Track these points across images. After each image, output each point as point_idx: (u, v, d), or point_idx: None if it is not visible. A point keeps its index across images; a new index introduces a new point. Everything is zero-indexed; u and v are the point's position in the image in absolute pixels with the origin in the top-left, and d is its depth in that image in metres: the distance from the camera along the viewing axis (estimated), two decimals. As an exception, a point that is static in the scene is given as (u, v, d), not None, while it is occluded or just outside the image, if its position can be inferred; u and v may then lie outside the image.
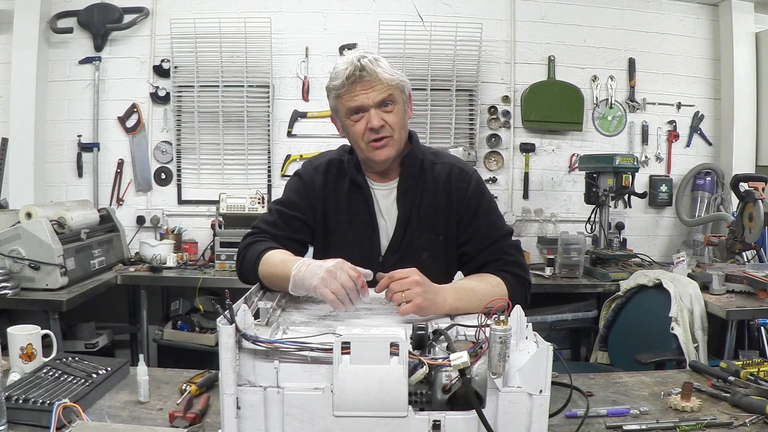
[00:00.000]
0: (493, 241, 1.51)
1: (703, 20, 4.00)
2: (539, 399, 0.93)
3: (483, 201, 1.56)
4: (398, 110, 1.49)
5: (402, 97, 1.50)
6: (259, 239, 1.51)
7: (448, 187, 1.55)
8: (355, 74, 1.42)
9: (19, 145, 3.54)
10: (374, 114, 1.45)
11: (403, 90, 1.51)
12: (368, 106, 1.45)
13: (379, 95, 1.45)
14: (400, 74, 1.50)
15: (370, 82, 1.44)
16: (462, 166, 1.60)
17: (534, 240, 3.93)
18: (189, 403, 1.29)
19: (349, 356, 0.92)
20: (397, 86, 1.47)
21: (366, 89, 1.44)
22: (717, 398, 1.42)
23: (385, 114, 1.46)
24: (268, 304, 1.25)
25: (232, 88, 3.73)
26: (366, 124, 1.46)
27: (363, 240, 1.55)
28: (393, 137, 1.48)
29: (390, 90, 1.46)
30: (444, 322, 1.19)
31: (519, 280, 1.47)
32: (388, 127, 1.47)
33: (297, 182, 1.61)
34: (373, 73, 1.43)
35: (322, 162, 1.62)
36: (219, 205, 3.47)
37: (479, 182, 1.59)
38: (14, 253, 2.60)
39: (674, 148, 4.03)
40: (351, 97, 1.45)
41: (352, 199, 1.56)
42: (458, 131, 3.84)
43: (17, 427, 1.19)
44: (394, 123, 1.47)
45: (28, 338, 1.48)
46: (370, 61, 1.44)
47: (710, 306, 2.56)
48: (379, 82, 1.44)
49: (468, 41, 3.76)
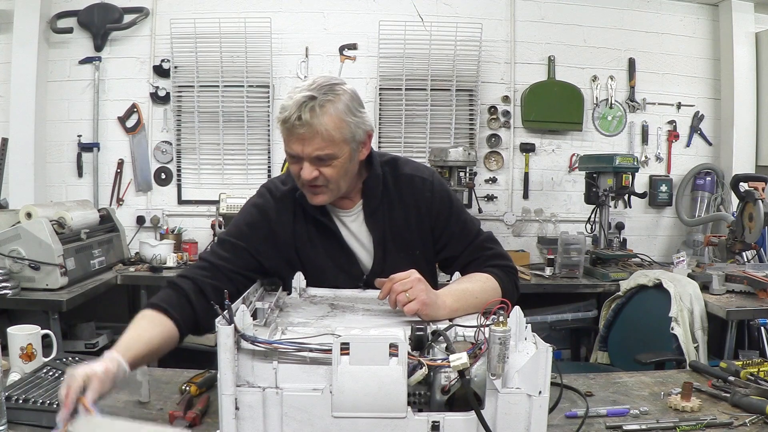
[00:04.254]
0: (469, 242, 1.51)
1: (703, 20, 4.00)
2: (538, 400, 0.93)
3: (452, 205, 1.54)
4: (339, 164, 1.36)
5: (348, 148, 1.36)
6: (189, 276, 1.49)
7: (414, 198, 1.51)
8: (295, 125, 1.30)
9: (19, 145, 3.54)
10: (306, 167, 1.35)
11: (350, 140, 1.36)
12: (302, 157, 1.35)
13: (314, 151, 1.33)
14: (351, 124, 1.35)
15: (305, 135, 1.31)
16: (421, 173, 1.54)
17: (534, 240, 3.93)
18: (189, 403, 1.30)
19: (348, 357, 0.92)
20: (339, 139, 1.33)
21: (303, 141, 1.32)
22: (717, 398, 1.42)
23: (322, 167, 1.36)
24: (266, 305, 1.25)
25: (232, 88, 3.73)
26: (299, 170, 1.37)
27: (342, 266, 1.51)
28: (328, 187, 1.39)
29: (329, 147, 1.33)
30: (443, 323, 1.18)
31: (505, 270, 1.48)
32: (322, 178, 1.37)
33: (254, 215, 1.50)
34: (313, 127, 1.30)
35: (286, 192, 1.51)
36: (219, 205, 3.47)
37: (441, 185, 1.55)
38: (14, 253, 2.60)
39: (674, 148, 4.03)
40: (289, 142, 1.35)
41: (319, 230, 1.49)
42: (458, 131, 3.84)
43: (17, 427, 1.19)
44: (331, 175, 1.37)
45: (28, 338, 1.48)
46: (314, 109, 1.30)
47: (710, 306, 2.56)
48: (318, 137, 1.31)
49: (468, 41, 3.76)
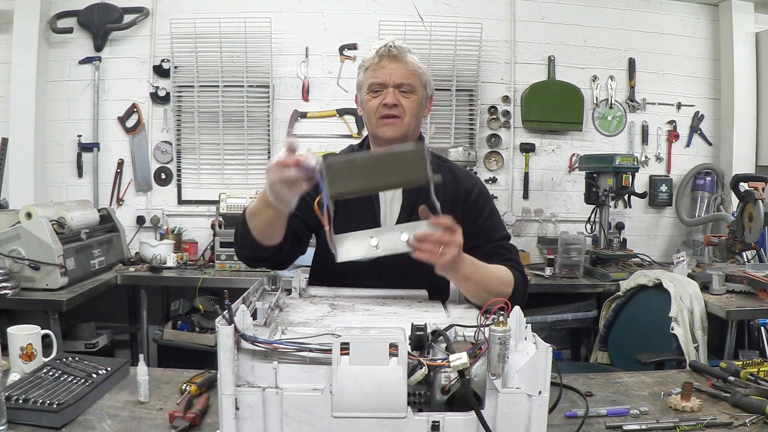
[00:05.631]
0: (495, 240, 1.55)
1: (703, 20, 4.00)
2: (538, 400, 0.92)
3: (488, 204, 1.63)
4: (415, 99, 1.55)
5: (422, 90, 1.57)
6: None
7: (454, 186, 1.60)
8: (387, 50, 1.52)
9: (19, 145, 3.54)
10: (391, 92, 1.52)
11: (425, 85, 1.58)
12: (388, 84, 1.52)
13: (400, 77, 1.52)
14: (426, 70, 1.59)
15: (396, 60, 1.52)
16: (467, 171, 1.70)
17: (534, 240, 3.93)
18: (189, 403, 1.29)
19: (348, 357, 0.92)
20: (419, 76, 1.56)
21: (392, 67, 1.52)
22: (717, 398, 1.42)
23: (402, 97, 1.53)
24: (266, 305, 1.25)
25: (232, 88, 3.73)
26: (381, 100, 1.53)
27: (366, 222, 1.55)
28: (403, 119, 1.54)
29: (412, 77, 1.54)
30: (443, 323, 1.18)
31: (522, 276, 1.51)
32: (400, 108, 1.53)
33: None
34: (402, 55, 1.53)
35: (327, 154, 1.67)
36: (219, 205, 3.47)
37: (484, 188, 1.67)
38: (14, 253, 2.60)
39: (674, 148, 4.03)
40: (375, 72, 1.53)
41: None
42: (458, 131, 3.84)
43: (17, 427, 1.19)
44: (408, 107, 1.54)
45: (28, 338, 1.47)
46: (403, 48, 1.54)
47: (710, 306, 2.56)
48: (405, 65, 1.53)
49: (468, 41, 3.76)
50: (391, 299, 1.41)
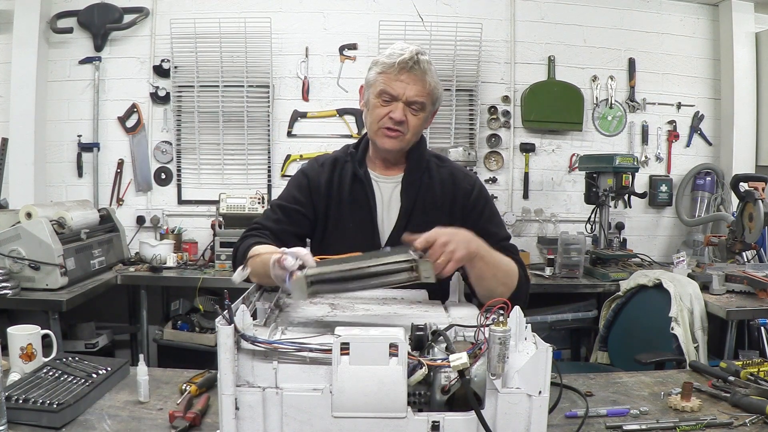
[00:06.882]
0: (497, 240, 1.54)
1: (703, 20, 4.00)
2: (538, 400, 0.93)
3: (487, 204, 1.64)
4: (422, 116, 1.54)
5: (431, 107, 1.57)
6: (254, 235, 1.53)
7: (453, 187, 1.61)
8: (409, 64, 1.48)
9: (19, 145, 3.54)
10: (401, 107, 1.50)
11: (435, 102, 1.57)
12: (400, 98, 1.50)
13: (414, 95, 1.50)
14: (440, 89, 1.57)
15: (415, 77, 1.49)
16: (466, 171, 1.68)
17: (534, 240, 3.93)
18: (189, 403, 1.29)
19: (348, 357, 0.92)
20: (432, 96, 1.54)
21: (409, 83, 1.49)
22: (717, 398, 1.42)
23: (410, 113, 1.52)
24: (266, 305, 1.25)
25: (232, 88, 3.73)
26: (389, 112, 1.51)
27: (363, 232, 1.58)
28: (405, 135, 1.54)
29: (425, 97, 1.52)
30: (443, 323, 1.18)
31: (525, 273, 1.52)
32: (405, 125, 1.52)
33: (300, 178, 1.66)
34: (424, 74, 1.49)
35: (328, 159, 1.68)
36: (219, 205, 3.48)
37: (483, 188, 1.66)
38: (14, 253, 2.60)
39: (674, 148, 4.03)
40: (391, 82, 1.50)
41: (353, 192, 1.60)
42: (458, 131, 3.84)
43: (17, 427, 1.19)
44: (413, 124, 1.53)
45: (28, 338, 1.47)
46: (428, 62, 1.51)
47: (710, 306, 2.56)
48: (423, 84, 1.50)
49: (468, 41, 3.76)
50: (391, 299, 1.41)
